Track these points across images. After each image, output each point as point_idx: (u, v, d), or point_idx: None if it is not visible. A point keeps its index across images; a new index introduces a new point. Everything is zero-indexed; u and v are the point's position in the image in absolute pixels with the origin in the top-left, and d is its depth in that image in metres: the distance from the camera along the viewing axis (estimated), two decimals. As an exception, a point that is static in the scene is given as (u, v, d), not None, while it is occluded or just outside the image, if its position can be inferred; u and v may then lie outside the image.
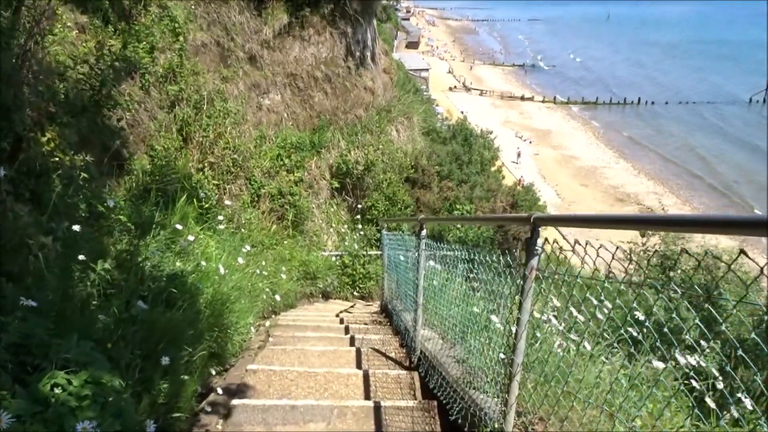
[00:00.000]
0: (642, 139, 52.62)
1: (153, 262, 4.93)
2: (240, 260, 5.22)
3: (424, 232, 4.26)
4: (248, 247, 5.80)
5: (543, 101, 64.79)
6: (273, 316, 7.84)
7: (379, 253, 11.44)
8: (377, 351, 4.94)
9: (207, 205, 7.23)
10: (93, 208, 5.41)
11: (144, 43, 8.62)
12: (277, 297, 6.23)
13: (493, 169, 19.87)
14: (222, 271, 4.87)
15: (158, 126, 8.54)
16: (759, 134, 51.81)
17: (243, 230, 8.23)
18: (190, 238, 5.29)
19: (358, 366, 4.61)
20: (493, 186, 13.63)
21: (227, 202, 7.80)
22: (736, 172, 44.29)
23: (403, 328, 5.47)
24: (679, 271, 10.28)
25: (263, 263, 7.08)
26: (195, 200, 6.86)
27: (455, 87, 67.61)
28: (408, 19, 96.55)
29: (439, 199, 12.66)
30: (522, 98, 65.16)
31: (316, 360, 4.74)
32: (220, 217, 6.88)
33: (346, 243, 11.27)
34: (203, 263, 4.91)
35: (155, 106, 8.69)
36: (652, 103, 63.84)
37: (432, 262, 5.29)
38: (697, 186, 42.75)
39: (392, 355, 4.89)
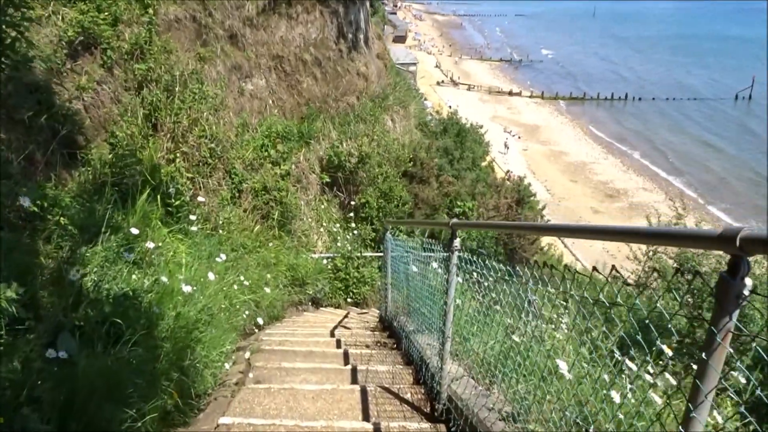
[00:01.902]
0: (630, 135, 52.60)
1: (96, 277, 3.81)
2: (211, 276, 4.10)
3: (456, 242, 3.20)
4: (224, 256, 4.70)
5: (531, 96, 64.21)
6: (256, 331, 6.76)
7: (376, 254, 10.39)
8: (387, 390, 3.88)
9: (177, 203, 6.10)
10: (25, 209, 4.27)
11: (106, 13, 7.44)
12: (260, 320, 5.12)
13: (483, 164, 18.99)
14: (187, 289, 3.75)
15: (122, 110, 7.35)
16: (744, 130, 51.99)
17: (221, 231, 7.10)
18: (149, 244, 4.16)
19: (365, 416, 3.54)
20: (498, 181, 12.65)
21: (200, 198, 6.65)
22: (722, 167, 44.26)
23: (417, 356, 4.42)
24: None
25: (242, 273, 5.97)
26: (160, 197, 5.73)
27: (443, 81, 66.72)
28: (395, 14, 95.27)
29: (439, 195, 11.61)
30: (510, 93, 64.52)
31: (310, 405, 3.66)
32: (193, 217, 5.76)
33: (339, 244, 10.17)
34: (164, 279, 3.79)
35: (119, 87, 7.50)
36: (639, 99, 63.77)
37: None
38: (685, 182, 42.57)
39: (407, 396, 3.83)
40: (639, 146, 49.73)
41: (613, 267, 1.92)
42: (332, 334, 5.93)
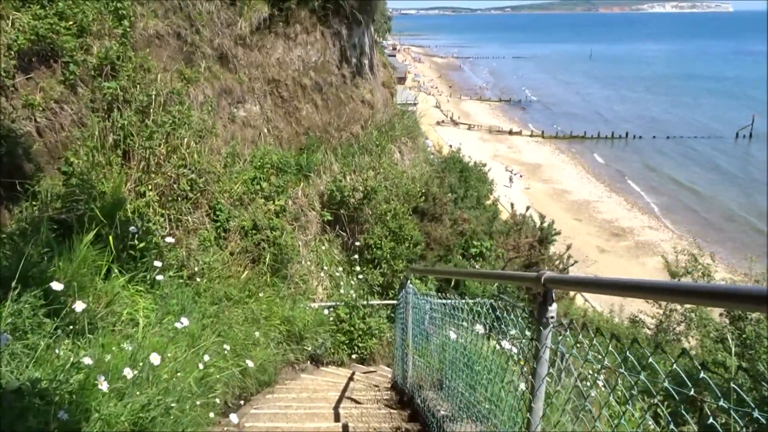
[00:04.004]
0: (632, 173, 52.37)
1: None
2: (155, 360, 2.78)
3: (553, 309, 1.93)
4: (185, 321, 3.41)
5: (531, 135, 64.06)
6: (242, 403, 5.40)
7: (384, 302, 9.08)
8: None
9: (141, 245, 4.84)
10: None
11: (70, 22, 6.35)
12: (233, 417, 3.76)
13: (488, 203, 17.99)
14: (123, 377, 2.45)
15: (86, 134, 6.17)
16: (745, 168, 51.58)
17: (199, 280, 5.82)
18: (78, 306, 2.87)
19: None
20: (517, 218, 11.46)
21: (169, 239, 5.39)
22: (726, 207, 43.60)
23: (461, 464, 3.08)
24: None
25: (223, 333, 4.66)
26: (117, 238, 4.48)
27: (443, 121, 66.75)
28: (394, 56, 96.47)
29: (453, 234, 10.39)
30: (510, 132, 64.46)
31: None
32: (158, 263, 4.48)
33: (342, 290, 8.84)
34: (88, 360, 2.49)
35: (84, 108, 6.34)
36: (640, 137, 63.71)
37: (507, 344, 3.02)
38: (690, 220, 41.89)
39: None
40: (641, 184, 49.40)
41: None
42: (337, 417, 4.56)
